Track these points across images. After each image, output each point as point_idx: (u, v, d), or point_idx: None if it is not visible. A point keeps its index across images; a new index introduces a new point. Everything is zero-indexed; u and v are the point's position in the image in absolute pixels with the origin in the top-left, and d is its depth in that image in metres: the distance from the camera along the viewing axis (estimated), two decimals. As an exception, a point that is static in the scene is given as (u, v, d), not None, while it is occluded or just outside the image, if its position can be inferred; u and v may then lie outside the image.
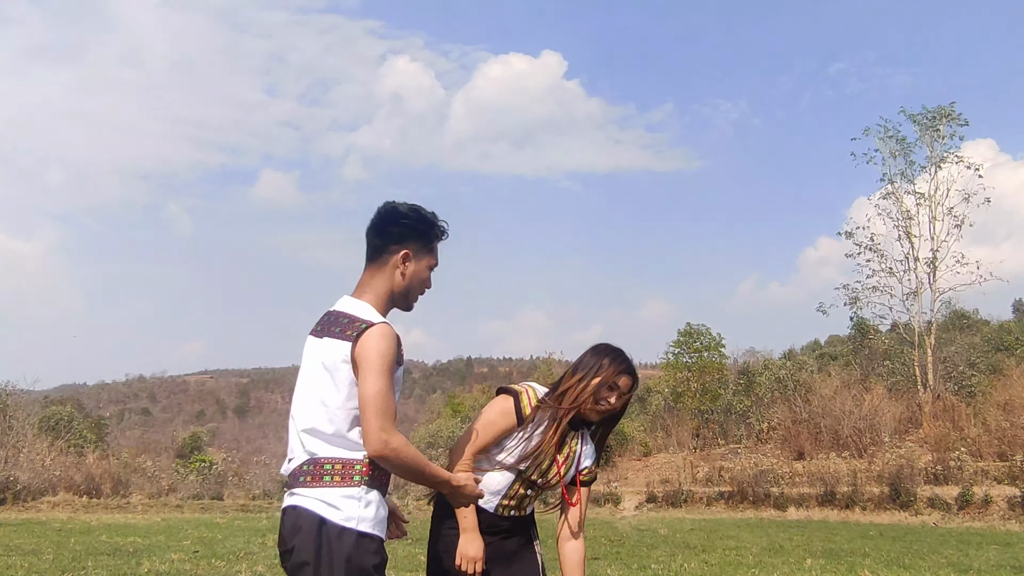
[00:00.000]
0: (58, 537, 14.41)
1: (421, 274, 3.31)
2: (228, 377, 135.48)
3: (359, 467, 3.03)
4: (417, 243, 3.28)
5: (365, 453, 3.03)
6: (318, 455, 3.05)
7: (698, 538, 14.92)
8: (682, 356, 36.26)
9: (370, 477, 3.03)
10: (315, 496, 3.00)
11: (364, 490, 3.02)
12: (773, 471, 21.98)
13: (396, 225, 3.26)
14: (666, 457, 28.64)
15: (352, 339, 3.05)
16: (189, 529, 16.26)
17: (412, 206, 3.31)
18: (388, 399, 3.03)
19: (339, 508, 2.97)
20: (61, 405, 43.11)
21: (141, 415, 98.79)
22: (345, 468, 3.02)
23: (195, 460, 29.48)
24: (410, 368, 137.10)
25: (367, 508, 3.01)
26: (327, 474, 3.02)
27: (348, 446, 3.05)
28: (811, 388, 29.16)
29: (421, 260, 3.29)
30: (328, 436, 3.05)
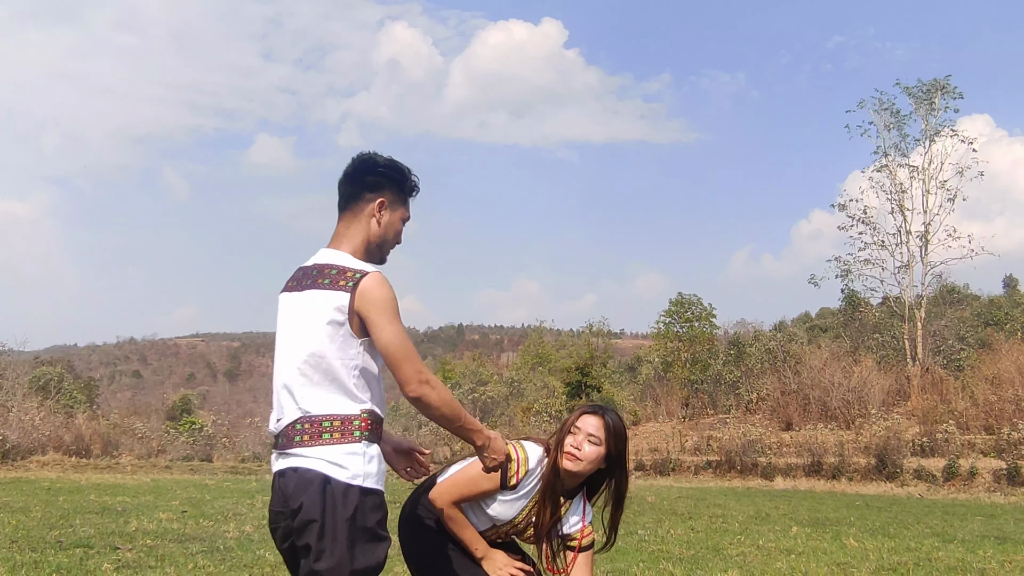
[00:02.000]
0: (47, 496, 14.42)
1: (395, 225, 3.27)
2: (219, 341, 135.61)
3: (358, 422, 2.99)
4: (392, 193, 3.25)
5: (362, 407, 3.00)
6: (313, 412, 3.00)
7: (685, 506, 14.99)
8: (673, 326, 36.38)
9: (370, 431, 3.01)
10: (316, 455, 2.95)
11: (365, 445, 2.99)
12: (761, 441, 22.08)
13: (372, 174, 3.24)
14: (655, 426, 28.77)
15: (349, 289, 3.00)
16: (178, 490, 16.28)
17: (388, 157, 3.29)
18: (411, 343, 3.02)
19: (343, 466, 2.93)
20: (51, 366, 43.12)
21: (132, 377, 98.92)
22: (344, 424, 2.97)
23: (185, 422, 29.54)
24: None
25: (370, 463, 2.98)
26: (326, 431, 2.97)
27: (343, 401, 3.00)
28: (801, 359, 29.26)
29: (395, 211, 3.26)
30: (323, 391, 3.00)
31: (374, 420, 3.04)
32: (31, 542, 8.78)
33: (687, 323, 36.09)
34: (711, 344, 36.20)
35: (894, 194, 30.54)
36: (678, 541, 10.21)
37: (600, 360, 35.92)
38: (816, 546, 9.90)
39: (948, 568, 8.34)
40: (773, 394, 27.74)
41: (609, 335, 45.20)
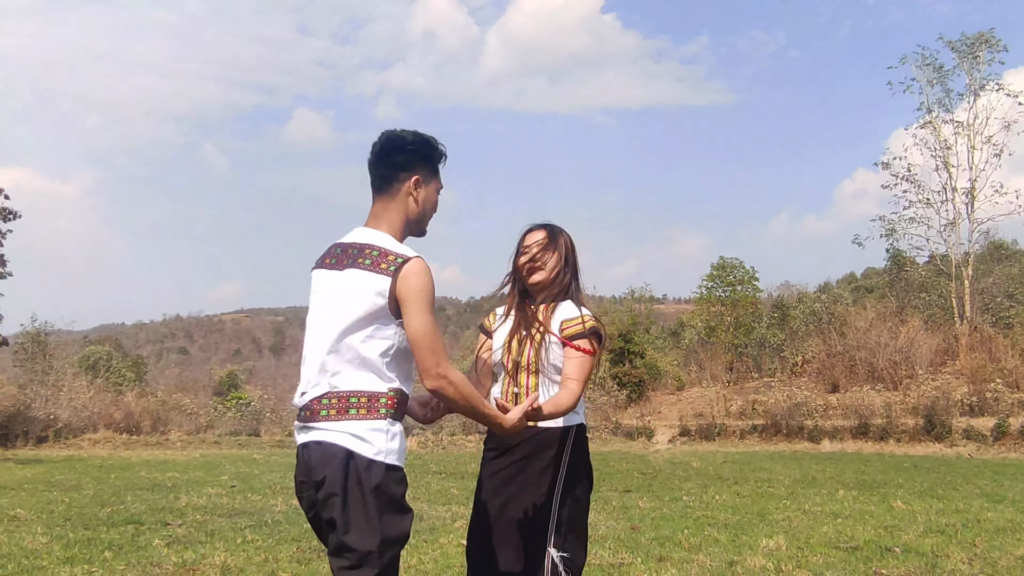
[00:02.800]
0: (98, 473, 14.70)
1: (432, 198, 3.30)
2: (263, 316, 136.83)
3: (385, 400, 3.03)
4: (425, 168, 3.26)
5: (390, 386, 3.05)
6: (340, 388, 3.04)
7: (730, 470, 14.98)
8: (715, 290, 36.20)
9: (395, 410, 3.05)
10: (341, 429, 3.00)
11: (390, 423, 3.03)
12: (807, 404, 21.96)
13: (402, 153, 3.24)
14: (699, 391, 28.68)
15: (391, 274, 3.03)
16: (227, 464, 16.52)
17: (414, 132, 3.29)
18: (438, 335, 3.06)
19: (368, 441, 2.98)
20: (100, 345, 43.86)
21: (179, 354, 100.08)
22: (371, 401, 3.02)
23: (232, 397, 29.91)
24: (443, 306, 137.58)
25: (393, 440, 3.02)
26: (353, 407, 3.02)
27: (373, 379, 3.04)
28: (846, 321, 29.00)
29: (430, 184, 3.28)
30: (354, 368, 3.04)
31: (400, 399, 3.09)
32: (84, 519, 8.96)
33: (730, 287, 35.89)
34: (754, 307, 35.97)
35: (939, 151, 30.08)
36: (723, 507, 10.21)
37: (643, 326, 35.79)
38: (863, 509, 9.86)
39: (998, 529, 8.28)
40: (818, 356, 27.54)
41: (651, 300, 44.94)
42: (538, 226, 3.77)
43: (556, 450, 3.57)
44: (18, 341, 28.55)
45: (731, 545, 7.52)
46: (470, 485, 12.52)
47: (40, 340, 28.83)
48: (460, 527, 8.51)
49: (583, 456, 3.65)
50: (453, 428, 23.34)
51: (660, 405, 27.61)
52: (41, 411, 21.88)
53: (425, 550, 7.26)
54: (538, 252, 3.67)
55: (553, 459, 3.56)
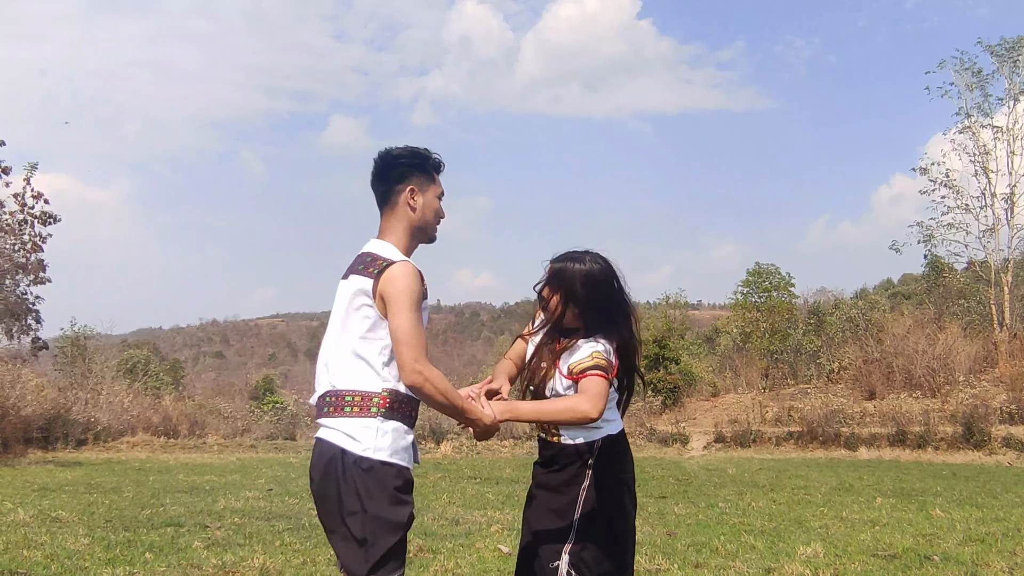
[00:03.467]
0: (137, 476, 14.87)
1: (432, 204, 3.48)
2: (298, 320, 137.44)
3: (377, 399, 3.21)
4: (419, 177, 3.45)
5: (384, 386, 3.22)
6: (338, 387, 3.25)
7: (766, 477, 14.91)
8: (751, 296, 36.02)
9: (387, 409, 3.21)
10: (335, 427, 3.23)
11: (380, 420, 3.19)
12: (844, 411, 21.81)
13: (395, 167, 3.45)
14: (735, 397, 28.56)
15: (374, 276, 3.25)
16: (263, 468, 16.65)
17: (404, 147, 3.49)
18: (419, 333, 3.20)
19: (356, 439, 3.17)
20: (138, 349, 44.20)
21: (215, 358, 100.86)
22: (364, 400, 3.21)
23: (268, 401, 30.09)
24: (478, 311, 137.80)
25: (383, 437, 3.18)
26: (347, 405, 3.23)
27: (367, 378, 3.23)
28: (883, 327, 28.77)
29: (427, 191, 3.46)
30: (349, 369, 3.25)
31: (395, 399, 3.24)
32: (124, 521, 9.07)
33: (765, 293, 35.71)
34: (790, 314, 35.76)
35: (978, 156, 29.77)
36: (760, 514, 10.17)
37: (678, 332, 35.62)
38: (901, 517, 9.79)
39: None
40: (855, 363, 27.32)
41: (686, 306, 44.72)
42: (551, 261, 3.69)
43: (578, 465, 3.55)
44: (58, 345, 28.90)
45: (768, 552, 7.50)
46: (505, 490, 12.56)
47: (79, 344, 29.15)
48: (496, 532, 8.54)
49: (612, 470, 3.57)
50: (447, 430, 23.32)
51: (695, 411, 27.51)
52: (81, 414, 22.11)
53: (462, 554, 7.29)
54: (545, 291, 3.66)
55: (574, 474, 3.54)
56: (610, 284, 3.65)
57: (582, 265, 3.62)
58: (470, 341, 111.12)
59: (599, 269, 3.63)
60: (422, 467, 15.55)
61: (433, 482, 13.90)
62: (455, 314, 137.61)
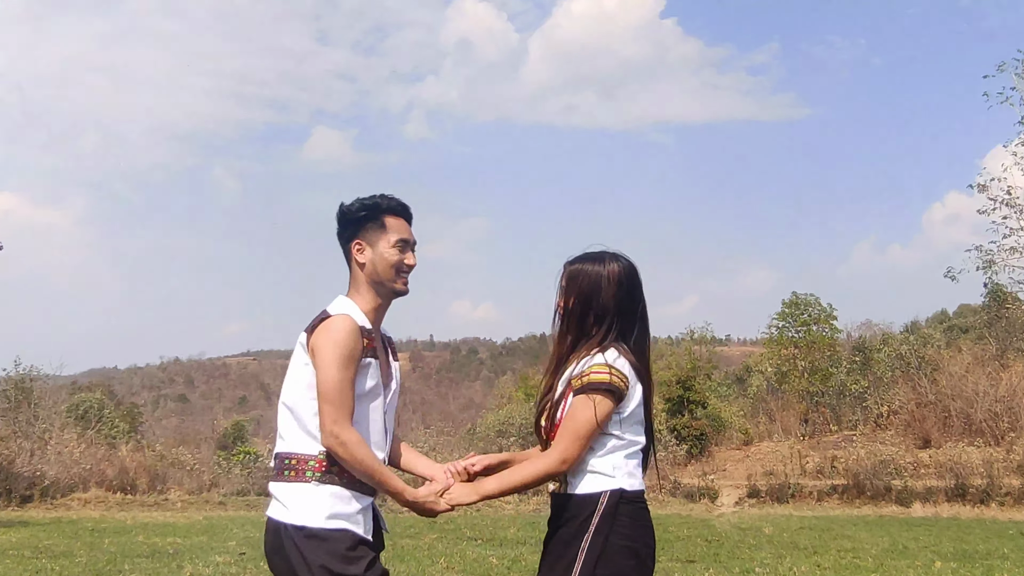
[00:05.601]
0: (91, 538, 14.80)
1: (383, 255, 3.63)
2: (273, 359, 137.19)
3: (312, 463, 3.37)
4: (368, 229, 3.64)
5: (320, 448, 3.38)
6: (280, 450, 3.46)
7: (808, 538, 14.83)
8: (787, 330, 35.97)
9: (324, 472, 3.36)
10: (276, 494, 3.42)
11: (315, 485, 3.35)
12: (894, 461, 21.73)
13: (344, 223, 3.70)
14: (770, 446, 28.47)
15: (309, 330, 3.46)
16: (234, 528, 16.57)
17: (355, 201, 3.69)
18: (342, 391, 3.35)
19: (291, 507, 3.34)
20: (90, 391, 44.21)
21: (178, 402, 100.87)
22: (299, 463, 3.39)
23: (239, 451, 29.97)
24: (476, 348, 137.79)
25: (319, 502, 3.33)
26: (286, 469, 3.41)
27: (305, 440, 3.41)
28: (938, 366, 28.74)
29: (377, 242, 3.63)
30: (292, 429, 3.45)
31: (334, 462, 3.38)
32: (77, 591, 9.03)
33: (803, 326, 35.66)
34: (832, 350, 35.71)
35: (1044, 171, 29.78)
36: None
37: (704, 371, 35.67)
38: (964, 584, 9.73)
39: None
40: (907, 406, 27.28)
41: (713, 342, 44.74)
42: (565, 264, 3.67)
43: (579, 521, 3.41)
44: (0, 388, 28.85)
45: (813, 625, 7.45)
46: (511, 554, 12.51)
47: (24, 387, 29.08)
48: (501, 602, 8.49)
49: (623, 531, 3.39)
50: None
51: (725, 462, 27.45)
52: (26, 467, 22.07)
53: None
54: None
55: (576, 531, 3.40)
56: (635, 288, 3.62)
57: (601, 266, 3.58)
58: (467, 382, 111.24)
59: (622, 268, 3.59)
60: (415, 528, 15.49)
61: (428, 544, 13.84)
62: (450, 351, 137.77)
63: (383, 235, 3.62)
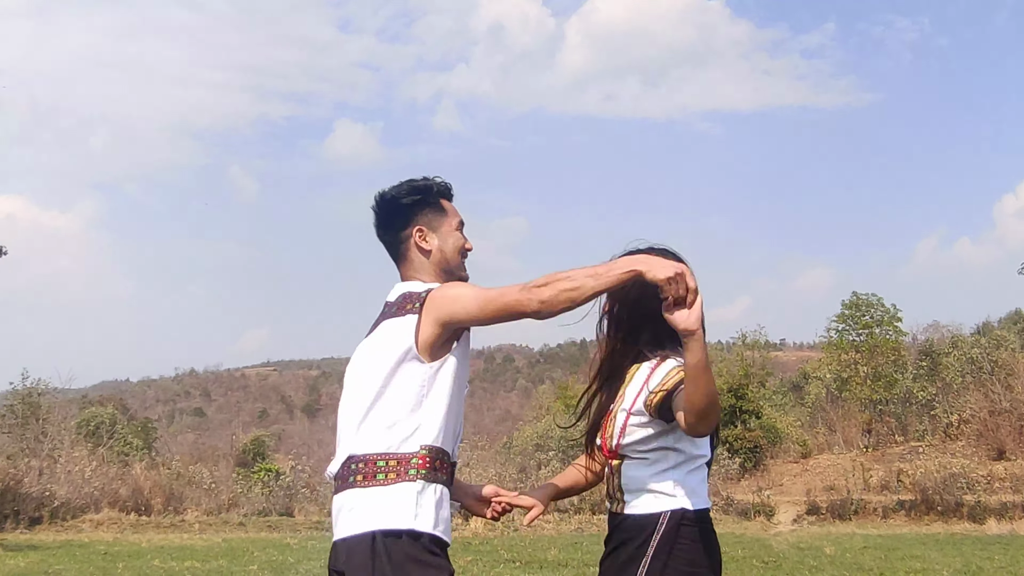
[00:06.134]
0: (103, 562, 14.90)
1: (449, 239, 3.50)
2: (294, 370, 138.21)
3: (416, 460, 3.15)
4: (425, 214, 3.50)
5: (424, 443, 3.15)
6: (362, 451, 3.20)
7: (873, 559, 14.75)
8: (848, 334, 35.74)
9: (428, 470, 3.16)
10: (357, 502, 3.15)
11: (422, 485, 3.13)
12: (966, 475, 21.62)
13: (393, 211, 3.53)
14: (830, 459, 28.36)
15: (416, 310, 3.25)
16: (255, 551, 16.64)
17: (399, 184, 3.54)
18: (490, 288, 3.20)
19: (385, 511, 3.10)
20: (102, 406, 44.56)
21: (194, 416, 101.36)
22: (400, 463, 3.14)
23: (259, 469, 30.10)
24: (512, 356, 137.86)
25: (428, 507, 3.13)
26: (380, 472, 3.15)
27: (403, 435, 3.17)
28: (1013, 370, 28.54)
29: (438, 228, 3.50)
30: (378, 427, 3.20)
31: (438, 458, 3.20)
32: (89, 619, 9.08)
33: (865, 329, 35.43)
34: (897, 354, 35.48)
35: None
36: (867, 604, 10.06)
37: (758, 378, 35.51)
38: (1045, 608, 9.64)
39: None
40: (979, 415, 27.09)
41: (767, 347, 44.53)
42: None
43: (638, 543, 3.33)
44: (5, 403, 29.08)
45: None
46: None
47: (31, 401, 29.30)
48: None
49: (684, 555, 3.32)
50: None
51: (781, 476, 27.34)
52: (34, 487, 22.22)
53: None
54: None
55: (633, 554, 3.33)
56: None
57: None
58: (503, 392, 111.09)
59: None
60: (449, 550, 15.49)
61: (463, 567, 13.84)
62: (484, 359, 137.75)
63: (444, 218, 3.51)
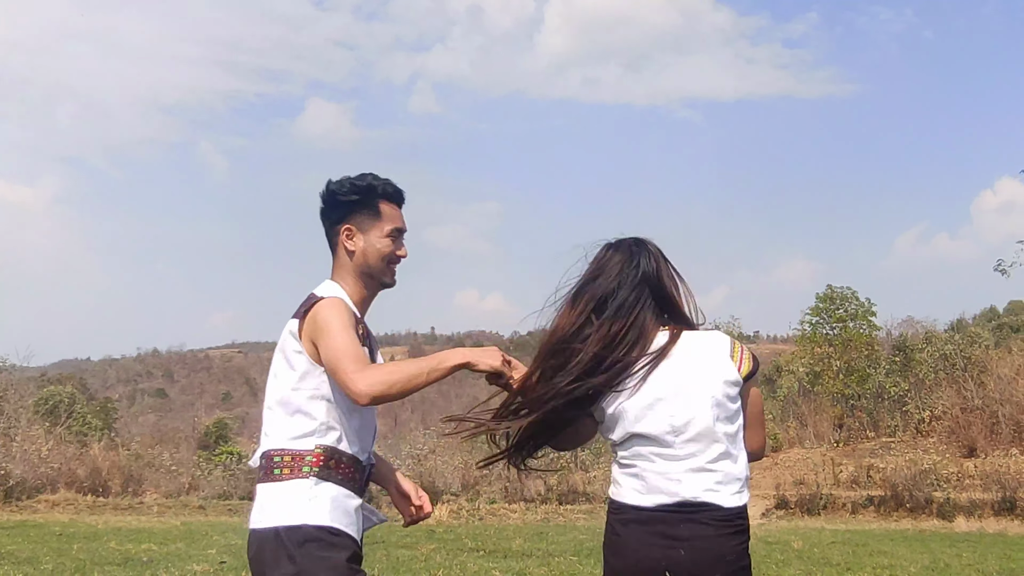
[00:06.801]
0: (59, 543, 14.82)
1: (375, 245, 3.61)
2: (260, 352, 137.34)
3: (310, 458, 3.33)
4: (360, 214, 3.61)
5: (319, 441, 3.34)
6: (271, 447, 3.40)
7: (841, 553, 14.82)
8: (821, 327, 35.84)
9: (322, 468, 3.33)
10: (262, 495, 3.37)
11: (314, 482, 3.30)
12: (936, 471, 21.73)
13: (332, 204, 3.66)
14: (801, 453, 28.48)
15: (300, 315, 3.43)
16: (214, 535, 16.59)
17: (346, 179, 3.64)
18: (355, 347, 3.28)
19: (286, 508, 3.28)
20: (61, 384, 44.30)
21: (156, 397, 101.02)
22: (295, 459, 3.33)
23: (221, 452, 30.07)
24: (482, 341, 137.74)
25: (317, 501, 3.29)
26: (276, 467, 3.35)
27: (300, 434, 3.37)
28: (986, 367, 28.70)
29: (370, 230, 3.60)
30: (280, 425, 3.41)
31: (332, 456, 3.35)
32: (42, 600, 9.04)
33: (839, 323, 35.53)
34: (870, 349, 35.59)
35: (1105, 155, 29.73)
36: (833, 599, 10.12)
37: (730, 371, 35.59)
38: (1011, 606, 9.72)
39: None
40: (951, 411, 27.25)
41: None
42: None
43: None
44: (-39, 380, 28.91)
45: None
46: (515, 566, 12.51)
47: (-12, 379, 29.17)
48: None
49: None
50: (493, 495, 23.29)
51: (751, 470, 27.40)
52: (-11, 465, 22.11)
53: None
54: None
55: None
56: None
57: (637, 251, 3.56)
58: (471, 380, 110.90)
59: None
60: (412, 538, 15.46)
61: (425, 555, 13.83)
62: (453, 344, 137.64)
63: (377, 223, 3.60)
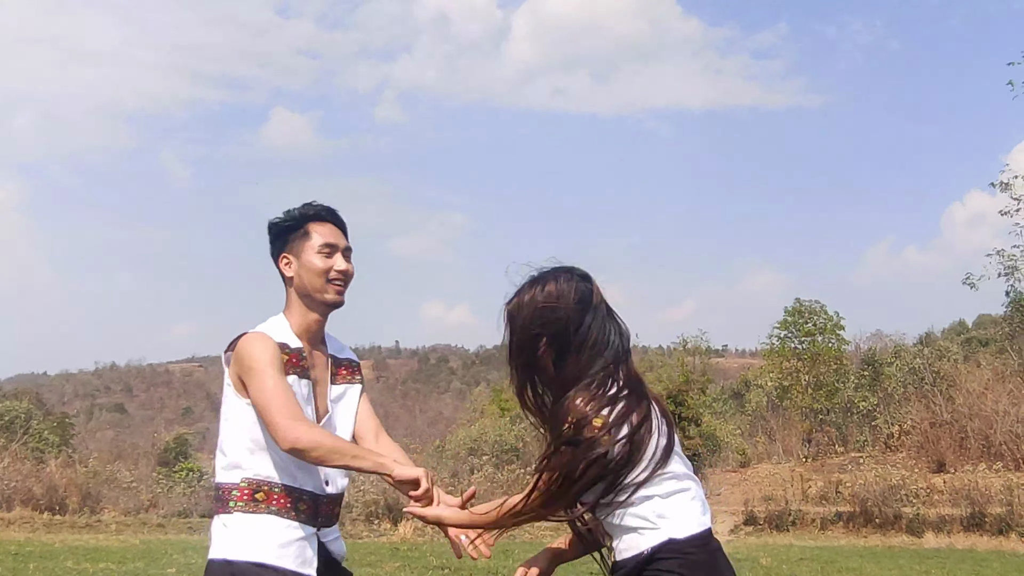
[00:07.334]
0: (14, 563, 14.70)
1: (308, 265, 3.66)
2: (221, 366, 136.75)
3: (235, 492, 3.42)
4: (291, 241, 3.69)
5: (244, 475, 3.43)
6: (215, 480, 3.55)
7: (810, 570, 14.88)
8: (790, 341, 36.01)
9: (248, 501, 3.40)
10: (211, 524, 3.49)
11: (239, 516, 3.39)
12: (905, 487, 21.83)
13: (271, 238, 3.76)
14: (769, 468, 28.57)
15: (230, 347, 3.58)
16: (174, 554, 16.48)
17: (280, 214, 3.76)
18: (284, 392, 3.36)
19: (213, 540, 3.42)
20: (16, 400, 43.89)
21: (114, 412, 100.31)
22: (224, 493, 3.44)
23: (181, 468, 29.85)
24: (447, 356, 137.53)
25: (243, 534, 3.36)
26: (215, 500, 3.51)
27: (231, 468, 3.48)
28: (955, 382, 28.89)
29: (301, 252, 3.67)
30: (218, 458, 3.55)
31: (260, 488, 3.41)
32: (-4, 622, 8.96)
33: (808, 336, 35.70)
34: (839, 363, 35.78)
35: (1073, 169, 29.94)
36: (802, 617, 10.15)
37: (698, 385, 35.68)
38: (980, 623, 9.78)
39: None
40: (920, 426, 27.41)
41: (709, 353, 44.68)
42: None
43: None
44: (-85, 394, 28.71)
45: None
46: (481, 584, 12.47)
47: (-58, 394, 28.97)
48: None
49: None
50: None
51: (719, 485, 27.51)
52: (-58, 483, 21.93)
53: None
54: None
55: None
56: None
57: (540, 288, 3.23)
58: (436, 394, 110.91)
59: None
60: (376, 555, 15.43)
61: (390, 573, 13.81)
62: (418, 359, 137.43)
63: (307, 243, 3.66)
